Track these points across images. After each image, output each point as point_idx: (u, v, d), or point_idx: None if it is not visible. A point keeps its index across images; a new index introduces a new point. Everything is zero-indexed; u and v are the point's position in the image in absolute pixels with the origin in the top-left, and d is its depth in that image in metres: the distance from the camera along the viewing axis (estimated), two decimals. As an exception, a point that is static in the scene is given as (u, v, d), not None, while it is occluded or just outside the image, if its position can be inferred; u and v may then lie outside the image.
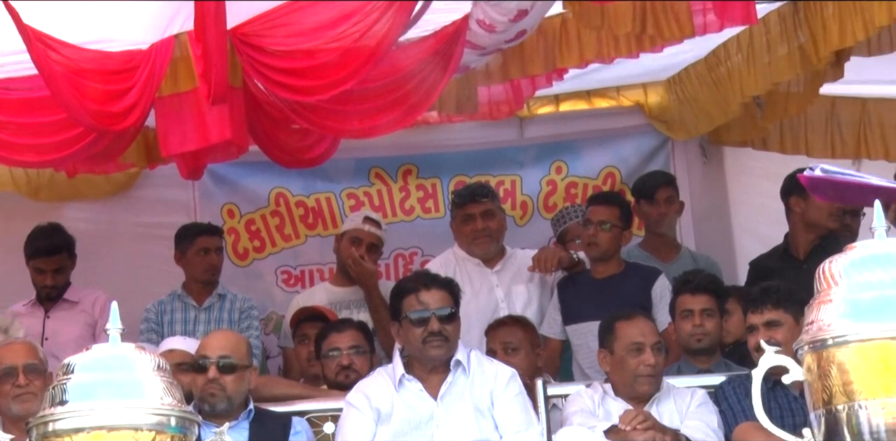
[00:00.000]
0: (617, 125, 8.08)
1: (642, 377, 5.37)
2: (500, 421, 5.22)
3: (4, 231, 7.45)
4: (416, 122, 7.06)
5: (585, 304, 6.43)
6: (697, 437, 5.17)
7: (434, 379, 5.32)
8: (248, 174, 8.02)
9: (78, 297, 7.10)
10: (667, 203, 7.08)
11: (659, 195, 7.08)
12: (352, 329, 6.09)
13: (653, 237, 7.21)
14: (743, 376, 5.29)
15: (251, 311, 7.06)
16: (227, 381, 5.34)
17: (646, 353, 5.37)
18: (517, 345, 6.05)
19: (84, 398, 2.83)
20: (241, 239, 8.08)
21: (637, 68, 7.25)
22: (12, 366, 5.29)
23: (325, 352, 6.04)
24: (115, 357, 2.91)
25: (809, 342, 2.78)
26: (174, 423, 2.84)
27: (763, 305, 5.28)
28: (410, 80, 6.10)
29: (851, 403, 2.70)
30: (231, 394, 5.33)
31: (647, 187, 7.18)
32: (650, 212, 7.10)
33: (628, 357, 5.39)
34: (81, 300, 7.10)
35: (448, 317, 5.32)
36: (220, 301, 7.04)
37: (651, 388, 5.39)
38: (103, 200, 7.91)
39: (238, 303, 7.05)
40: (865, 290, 2.76)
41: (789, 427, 2.93)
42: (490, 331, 6.15)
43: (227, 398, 5.33)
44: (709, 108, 7.35)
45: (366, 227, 6.98)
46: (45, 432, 2.82)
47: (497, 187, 7.97)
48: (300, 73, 5.92)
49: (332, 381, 5.94)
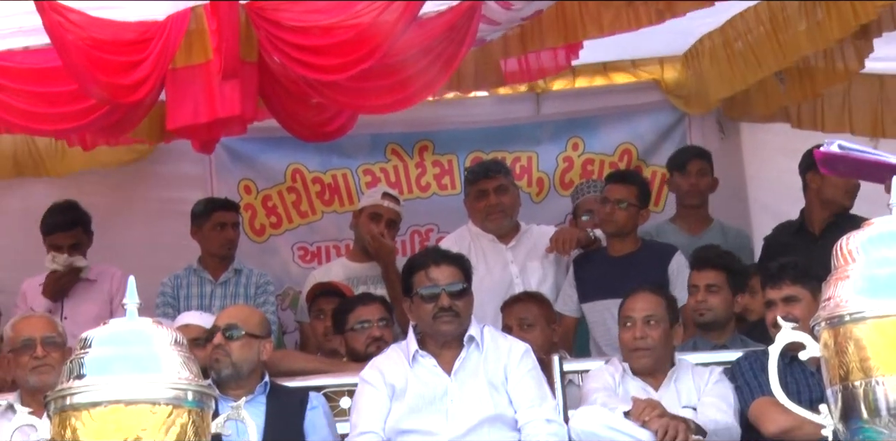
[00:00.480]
0: (634, 101, 8.06)
1: (633, 351, 5.38)
2: (515, 396, 5.23)
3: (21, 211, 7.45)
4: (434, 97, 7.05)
5: (602, 282, 6.44)
6: (713, 414, 5.18)
7: (448, 354, 5.33)
8: (265, 150, 8.02)
9: (95, 276, 7.11)
10: (698, 175, 7.08)
11: (691, 167, 7.10)
12: (377, 303, 6.14)
13: (684, 210, 7.21)
14: (759, 352, 5.29)
15: (267, 286, 7.07)
16: (233, 347, 5.36)
17: (637, 327, 5.38)
18: (533, 321, 6.06)
19: (101, 372, 2.84)
20: (258, 215, 8.09)
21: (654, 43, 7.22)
22: (31, 338, 5.31)
23: (352, 324, 6.06)
24: (132, 331, 2.93)
25: (826, 318, 2.78)
26: (191, 398, 2.85)
27: (781, 281, 5.28)
28: (427, 55, 6.09)
29: (868, 379, 2.71)
30: (236, 360, 5.33)
31: (680, 159, 7.22)
32: (681, 183, 7.11)
33: (622, 332, 5.43)
34: (99, 278, 7.11)
35: (459, 293, 5.32)
36: (237, 276, 7.04)
37: (647, 361, 5.38)
38: (119, 175, 7.91)
39: (254, 278, 7.06)
40: (883, 266, 2.76)
41: (805, 403, 2.94)
42: (506, 307, 6.16)
43: (232, 364, 5.33)
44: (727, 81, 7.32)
45: (385, 203, 6.99)
46: (62, 406, 2.84)
47: (513, 164, 7.98)
48: (318, 50, 5.91)
49: (360, 353, 5.93)
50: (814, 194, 6.60)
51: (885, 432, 2.70)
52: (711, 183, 7.19)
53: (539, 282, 6.60)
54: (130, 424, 2.79)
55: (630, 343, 5.40)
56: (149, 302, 6.43)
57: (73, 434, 2.81)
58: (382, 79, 6.10)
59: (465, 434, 5.16)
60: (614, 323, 5.65)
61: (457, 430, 5.16)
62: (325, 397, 5.56)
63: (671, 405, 5.19)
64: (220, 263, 7.07)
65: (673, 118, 8.05)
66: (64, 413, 2.83)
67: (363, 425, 5.19)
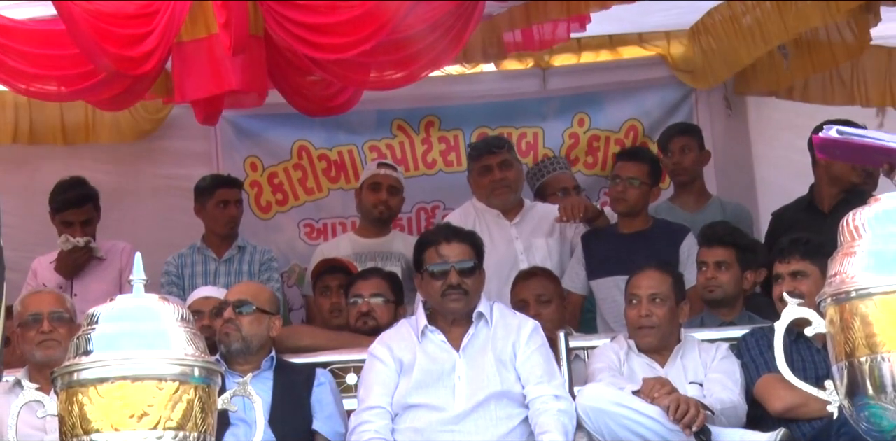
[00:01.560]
0: (640, 77, 8.03)
1: (639, 329, 5.39)
2: (523, 372, 5.24)
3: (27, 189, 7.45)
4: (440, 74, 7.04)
5: (611, 259, 6.42)
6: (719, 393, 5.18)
7: (456, 331, 5.34)
8: (271, 126, 8.02)
9: (105, 253, 7.11)
10: (680, 152, 7.04)
11: (673, 145, 7.07)
12: (377, 277, 6.13)
13: (678, 188, 7.20)
14: (766, 329, 5.29)
15: (271, 262, 7.09)
16: (244, 321, 5.40)
17: (643, 304, 5.39)
18: (549, 297, 6.08)
19: (108, 348, 2.85)
20: (264, 192, 8.10)
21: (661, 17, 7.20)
22: (38, 313, 5.32)
23: (349, 299, 6.10)
24: (139, 308, 2.93)
25: (832, 294, 2.78)
26: (197, 374, 2.86)
27: (791, 256, 5.28)
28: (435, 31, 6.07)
29: (874, 356, 2.71)
30: (246, 334, 5.37)
31: (663, 139, 7.20)
32: (666, 162, 7.09)
33: (628, 309, 5.43)
34: (109, 256, 7.10)
35: (468, 270, 5.33)
36: (240, 253, 7.06)
37: (652, 339, 5.39)
38: (125, 151, 7.91)
39: (258, 254, 7.07)
40: (889, 242, 2.76)
41: (811, 379, 2.94)
42: (520, 281, 6.15)
43: (242, 338, 5.36)
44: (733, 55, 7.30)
45: (382, 171, 7.03)
46: (69, 382, 2.85)
47: (519, 140, 7.98)
48: (322, 29, 5.90)
49: (352, 328, 5.99)
50: (823, 171, 6.58)
51: (891, 408, 2.71)
52: (699, 158, 7.11)
53: (543, 259, 6.60)
54: (137, 400, 2.80)
55: (635, 321, 5.41)
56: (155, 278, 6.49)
57: (80, 410, 2.82)
58: (389, 54, 6.08)
59: (471, 410, 5.17)
60: (623, 299, 5.66)
61: (463, 406, 5.18)
62: (331, 374, 5.58)
63: (677, 381, 5.20)
64: (224, 241, 7.09)
65: (679, 94, 8.03)
66: (71, 389, 2.84)
67: (371, 400, 5.21)
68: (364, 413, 5.20)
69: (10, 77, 6.08)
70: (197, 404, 2.84)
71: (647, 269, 5.54)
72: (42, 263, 7.13)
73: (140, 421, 2.79)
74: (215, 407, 2.91)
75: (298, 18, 5.91)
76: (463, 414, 5.17)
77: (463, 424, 5.16)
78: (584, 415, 5.10)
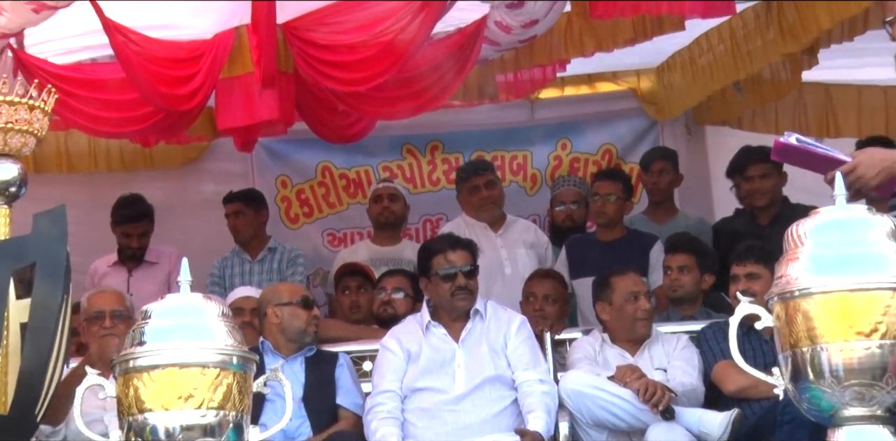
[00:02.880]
0: (614, 108, 8.03)
1: (640, 321, 5.37)
2: (513, 359, 5.23)
3: (90, 203, 7.44)
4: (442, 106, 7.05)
5: (591, 262, 6.40)
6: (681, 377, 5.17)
7: (456, 325, 5.33)
8: (298, 150, 8.02)
9: (157, 258, 7.09)
10: (659, 174, 7.04)
11: (654, 167, 7.05)
12: (401, 275, 6.17)
13: (652, 203, 7.19)
14: (721, 322, 5.27)
15: (297, 259, 7.06)
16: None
17: (641, 299, 5.38)
18: (556, 297, 6.06)
19: (159, 340, 2.85)
20: (293, 206, 8.11)
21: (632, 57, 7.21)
22: (101, 310, 5.31)
23: (376, 291, 6.16)
24: (185, 305, 2.94)
25: (779, 294, 2.78)
26: (236, 362, 2.86)
27: (747, 259, 5.27)
28: (437, 71, 6.09)
29: (814, 346, 2.70)
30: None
31: (646, 160, 7.18)
32: (646, 180, 7.11)
33: (627, 304, 5.38)
34: (160, 260, 7.09)
35: (471, 272, 5.34)
36: (271, 254, 7.04)
37: (646, 330, 5.38)
38: (174, 172, 7.93)
39: (286, 254, 7.06)
40: (827, 249, 2.76)
41: (760, 366, 2.93)
42: (536, 279, 6.13)
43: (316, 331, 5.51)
44: (693, 91, 7.32)
45: (381, 185, 7.10)
46: (126, 368, 2.85)
47: (511, 161, 7.99)
48: (343, 66, 5.92)
49: (374, 314, 6.04)
50: (746, 193, 6.60)
51: (828, 391, 2.70)
52: (674, 180, 7.08)
53: (524, 264, 6.57)
54: (184, 384, 2.80)
55: (639, 313, 5.37)
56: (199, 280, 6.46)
57: (135, 392, 2.82)
58: (399, 90, 6.11)
59: (469, 392, 5.16)
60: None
61: (462, 388, 5.17)
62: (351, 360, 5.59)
63: (645, 368, 5.18)
64: (256, 244, 7.06)
65: (648, 122, 8.02)
66: (127, 375, 2.84)
67: (384, 385, 5.20)
68: (378, 396, 5.19)
69: (83, 121, 6.09)
70: (235, 387, 2.84)
71: (628, 272, 5.51)
72: (100, 265, 7.11)
73: (186, 402, 2.79)
74: (251, 390, 2.91)
75: (323, 57, 5.93)
76: (462, 395, 5.16)
77: (462, 404, 5.14)
78: (566, 397, 5.08)
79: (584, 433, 5.10)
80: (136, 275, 7.05)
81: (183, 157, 7.92)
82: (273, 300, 5.44)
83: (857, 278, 2.69)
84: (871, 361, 2.66)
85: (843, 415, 2.71)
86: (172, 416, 2.79)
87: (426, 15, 5.63)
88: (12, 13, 4.97)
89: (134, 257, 7.08)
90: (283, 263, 7.00)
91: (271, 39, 5.64)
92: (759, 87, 7.10)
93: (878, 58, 6.35)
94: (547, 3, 5.56)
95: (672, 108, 7.68)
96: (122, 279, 7.00)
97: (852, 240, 2.75)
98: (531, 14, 5.62)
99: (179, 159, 7.91)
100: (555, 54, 6.45)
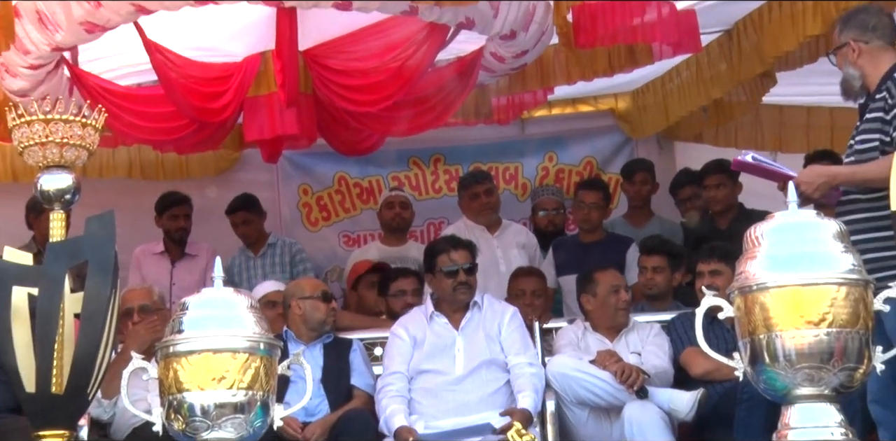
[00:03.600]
0: (594, 125, 8.02)
1: (620, 310, 5.37)
2: (505, 345, 5.22)
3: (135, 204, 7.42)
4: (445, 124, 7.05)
5: (575, 261, 6.42)
6: (654, 361, 5.17)
7: (456, 315, 5.33)
8: (318, 162, 8.01)
9: (196, 251, 7.08)
10: (641, 183, 7.08)
11: (636, 177, 7.09)
12: (413, 276, 6.12)
13: (631, 208, 7.20)
14: (689, 313, 5.27)
15: (301, 253, 7.03)
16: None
17: (621, 292, 5.38)
18: (541, 292, 6.08)
19: (196, 328, 2.85)
20: (313, 211, 8.09)
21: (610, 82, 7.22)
22: (130, 307, 5.28)
23: (393, 291, 6.07)
24: (218, 298, 2.93)
25: (739, 288, 2.78)
26: (262, 348, 2.85)
27: (711, 258, 5.27)
28: (440, 94, 6.10)
29: (770, 334, 2.70)
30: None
31: (628, 170, 7.20)
32: (628, 189, 7.13)
33: (609, 296, 5.38)
34: (199, 253, 7.08)
35: (470, 269, 5.34)
36: (271, 248, 7.00)
37: (625, 318, 5.38)
38: (209, 181, 7.92)
39: (286, 247, 7.03)
40: (781, 248, 2.76)
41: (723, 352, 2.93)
42: (521, 276, 6.11)
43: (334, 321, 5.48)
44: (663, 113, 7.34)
45: (392, 193, 7.10)
46: (166, 353, 2.85)
47: (504, 172, 7.99)
48: (357, 88, 5.93)
49: (398, 314, 5.87)
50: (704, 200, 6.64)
51: (782, 373, 2.70)
52: (652, 188, 7.13)
53: (517, 263, 6.55)
54: (217, 367, 2.80)
55: (620, 304, 5.37)
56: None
57: (174, 374, 2.81)
58: (405, 110, 6.11)
59: (468, 374, 5.16)
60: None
61: (461, 371, 5.17)
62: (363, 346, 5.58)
63: (622, 353, 5.18)
64: (258, 242, 7.02)
65: (624, 138, 8.01)
66: (167, 359, 2.83)
67: (393, 367, 5.20)
68: (388, 377, 5.19)
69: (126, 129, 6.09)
70: (262, 370, 2.83)
71: (609, 268, 5.53)
72: (144, 252, 7.06)
73: (219, 383, 2.79)
74: (276, 372, 2.90)
75: (338, 81, 5.93)
76: (461, 377, 5.15)
77: (461, 385, 5.14)
78: (553, 378, 5.08)
79: (569, 410, 5.09)
80: (178, 266, 7.03)
81: (216, 168, 7.90)
82: (297, 294, 5.42)
83: (807, 274, 2.69)
84: (820, 347, 2.66)
85: (796, 394, 2.70)
86: (207, 396, 2.79)
87: (430, 45, 5.64)
88: (67, 31, 4.99)
89: (180, 242, 7.01)
90: (286, 257, 6.96)
91: (293, 64, 5.65)
92: (721, 107, 7.12)
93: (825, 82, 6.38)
94: (535, 36, 5.56)
95: (645, 127, 7.69)
96: (167, 269, 6.99)
97: (803, 240, 2.75)
98: (521, 45, 5.62)
99: (213, 169, 7.89)
100: (543, 81, 6.45)
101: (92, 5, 4.86)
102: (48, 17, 4.96)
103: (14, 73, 5.37)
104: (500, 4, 5.17)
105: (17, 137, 3.11)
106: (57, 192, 3.12)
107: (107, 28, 5.04)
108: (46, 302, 3.00)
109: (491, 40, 5.66)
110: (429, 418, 5.04)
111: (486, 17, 5.29)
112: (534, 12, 5.41)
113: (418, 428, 4.95)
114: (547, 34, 5.66)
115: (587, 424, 5.07)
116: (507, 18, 5.33)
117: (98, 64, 5.92)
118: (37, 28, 5.01)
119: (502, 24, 5.35)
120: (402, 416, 4.99)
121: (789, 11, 5.61)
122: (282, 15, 5.39)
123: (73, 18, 4.93)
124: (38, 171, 3.13)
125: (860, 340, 2.67)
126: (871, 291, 2.72)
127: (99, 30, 5.04)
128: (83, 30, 5.00)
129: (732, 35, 6.25)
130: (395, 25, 5.67)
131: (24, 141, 3.10)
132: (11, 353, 2.98)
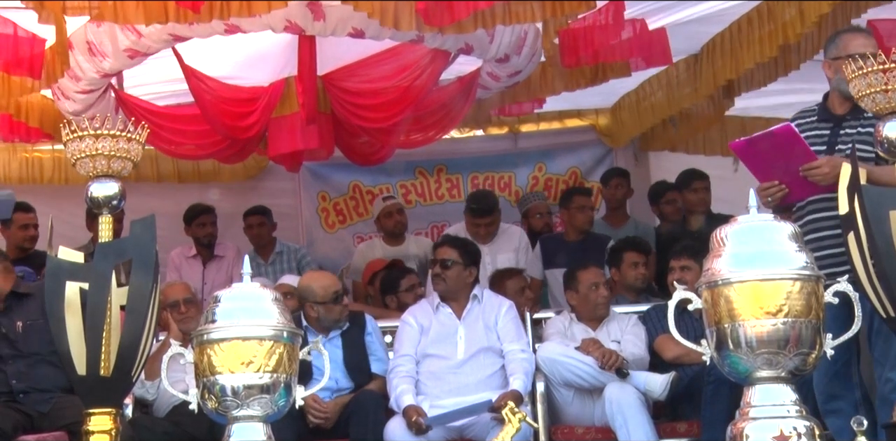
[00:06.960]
0: (578, 139, 8.04)
1: (600, 304, 5.36)
2: (501, 334, 5.22)
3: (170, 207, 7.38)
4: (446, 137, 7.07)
5: (560, 256, 6.44)
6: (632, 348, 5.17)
7: (459, 306, 5.32)
8: (335, 171, 8.01)
9: (223, 252, 7.07)
10: (616, 188, 7.11)
11: (612, 183, 7.14)
12: (413, 273, 6.08)
13: (609, 211, 7.24)
14: (662, 305, 5.27)
15: (306, 257, 7.02)
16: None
17: (601, 288, 5.37)
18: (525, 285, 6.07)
19: (227, 318, 2.85)
20: (330, 215, 8.09)
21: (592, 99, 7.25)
22: (176, 300, 5.30)
23: (405, 287, 6.04)
24: (246, 292, 2.94)
25: (706, 282, 2.78)
26: (286, 336, 2.85)
27: (682, 255, 5.25)
28: (442, 110, 6.11)
29: (733, 323, 2.70)
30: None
31: (606, 177, 7.26)
32: (606, 193, 7.18)
33: (590, 293, 5.37)
34: (225, 253, 7.07)
35: (446, 265, 5.26)
36: (279, 256, 6.99)
37: (605, 310, 5.37)
38: (238, 186, 7.92)
39: (292, 253, 7.01)
40: (743, 248, 2.76)
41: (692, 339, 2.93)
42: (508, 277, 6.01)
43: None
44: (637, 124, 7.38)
45: (387, 202, 7.00)
46: (201, 341, 2.85)
47: (499, 180, 8.01)
48: (370, 107, 5.94)
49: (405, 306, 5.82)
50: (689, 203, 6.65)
51: (744, 358, 2.70)
52: (627, 193, 7.17)
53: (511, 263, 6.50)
54: (246, 353, 2.80)
55: (600, 300, 5.33)
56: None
57: (208, 359, 2.82)
58: (412, 124, 6.11)
59: (468, 359, 5.16)
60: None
61: (462, 356, 5.17)
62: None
63: (604, 340, 5.18)
64: (268, 249, 7.01)
65: (605, 150, 8.03)
66: (202, 345, 2.84)
67: (403, 351, 5.21)
68: (398, 359, 5.19)
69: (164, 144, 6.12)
70: (285, 356, 2.84)
71: (590, 266, 5.46)
72: (178, 254, 7.04)
73: (247, 367, 2.79)
74: (297, 358, 2.90)
75: (353, 101, 5.95)
76: (462, 361, 5.15)
77: (462, 369, 5.14)
78: (542, 363, 5.08)
79: (556, 391, 5.09)
80: (209, 266, 7.03)
81: (245, 175, 7.90)
82: (308, 298, 5.30)
83: (765, 271, 2.69)
84: (777, 335, 2.66)
85: (756, 376, 2.71)
86: (237, 378, 2.79)
87: (434, 68, 5.67)
88: (113, 58, 5.04)
89: (209, 246, 6.98)
90: (293, 263, 6.92)
91: (313, 87, 5.67)
92: (690, 120, 7.14)
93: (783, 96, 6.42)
94: (527, 57, 5.57)
95: (622, 138, 7.72)
96: (199, 270, 6.98)
97: (762, 241, 2.75)
98: (515, 66, 5.64)
99: (242, 175, 7.88)
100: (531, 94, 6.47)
101: (135, 34, 4.91)
102: (96, 46, 5.01)
103: (68, 96, 5.42)
104: (494, 31, 5.18)
105: (70, 150, 3.13)
106: (105, 199, 3.13)
107: (147, 54, 5.10)
108: (96, 295, 3.01)
109: (487, 63, 5.67)
110: (433, 398, 5.04)
111: (483, 43, 5.31)
112: (525, 37, 5.43)
113: (424, 407, 4.95)
114: (537, 55, 5.67)
115: (572, 403, 5.07)
116: (502, 43, 5.34)
117: (140, 89, 5.96)
118: (87, 58, 5.08)
119: (497, 48, 5.37)
120: (410, 395, 4.99)
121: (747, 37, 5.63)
122: (303, 43, 5.41)
123: (118, 46, 4.99)
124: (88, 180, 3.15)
125: (812, 329, 2.67)
126: (822, 286, 2.72)
127: (140, 55, 5.09)
128: (126, 56, 5.05)
129: (699, 58, 6.27)
130: (404, 51, 5.69)
131: (76, 153, 3.11)
132: (65, 340, 2.99)
